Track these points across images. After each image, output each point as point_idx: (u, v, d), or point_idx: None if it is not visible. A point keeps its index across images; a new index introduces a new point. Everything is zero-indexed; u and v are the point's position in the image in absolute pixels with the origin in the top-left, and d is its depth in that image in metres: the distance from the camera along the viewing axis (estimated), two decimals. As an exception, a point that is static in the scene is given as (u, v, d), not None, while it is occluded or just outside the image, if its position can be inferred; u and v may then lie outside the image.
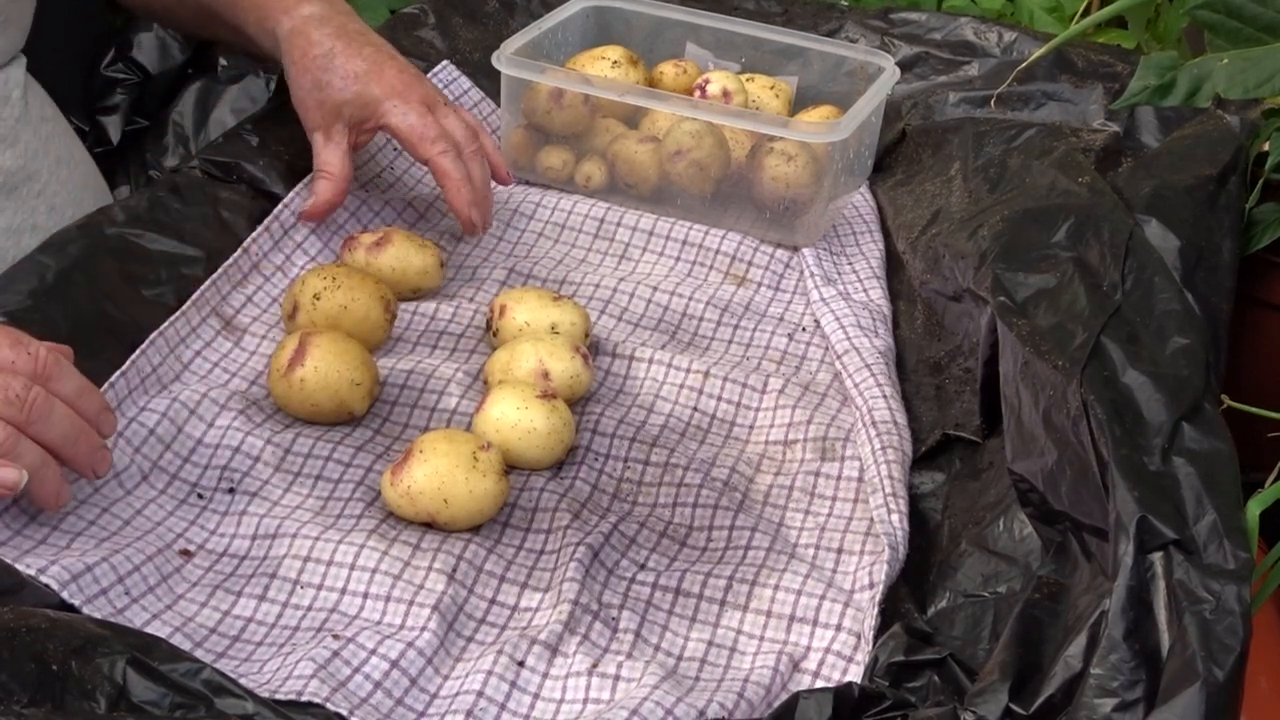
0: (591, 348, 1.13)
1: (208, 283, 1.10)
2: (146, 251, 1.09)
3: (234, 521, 0.94)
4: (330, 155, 1.18)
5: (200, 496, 0.96)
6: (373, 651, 0.85)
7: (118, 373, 0.99)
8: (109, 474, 0.93)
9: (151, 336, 1.03)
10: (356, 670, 0.83)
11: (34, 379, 0.86)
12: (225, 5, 1.24)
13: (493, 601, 0.92)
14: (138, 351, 1.01)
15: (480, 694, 0.84)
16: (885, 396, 1.07)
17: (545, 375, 1.06)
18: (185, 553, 0.92)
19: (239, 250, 1.14)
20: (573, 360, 1.07)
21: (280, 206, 1.19)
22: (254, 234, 1.16)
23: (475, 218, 1.19)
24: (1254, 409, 0.99)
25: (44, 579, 0.84)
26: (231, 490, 0.96)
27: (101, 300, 1.04)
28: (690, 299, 1.20)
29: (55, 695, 0.73)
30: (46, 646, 0.74)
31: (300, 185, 1.21)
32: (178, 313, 1.06)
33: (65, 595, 0.83)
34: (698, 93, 1.32)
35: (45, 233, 1.14)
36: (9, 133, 1.16)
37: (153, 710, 0.74)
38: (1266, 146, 1.19)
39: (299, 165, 1.23)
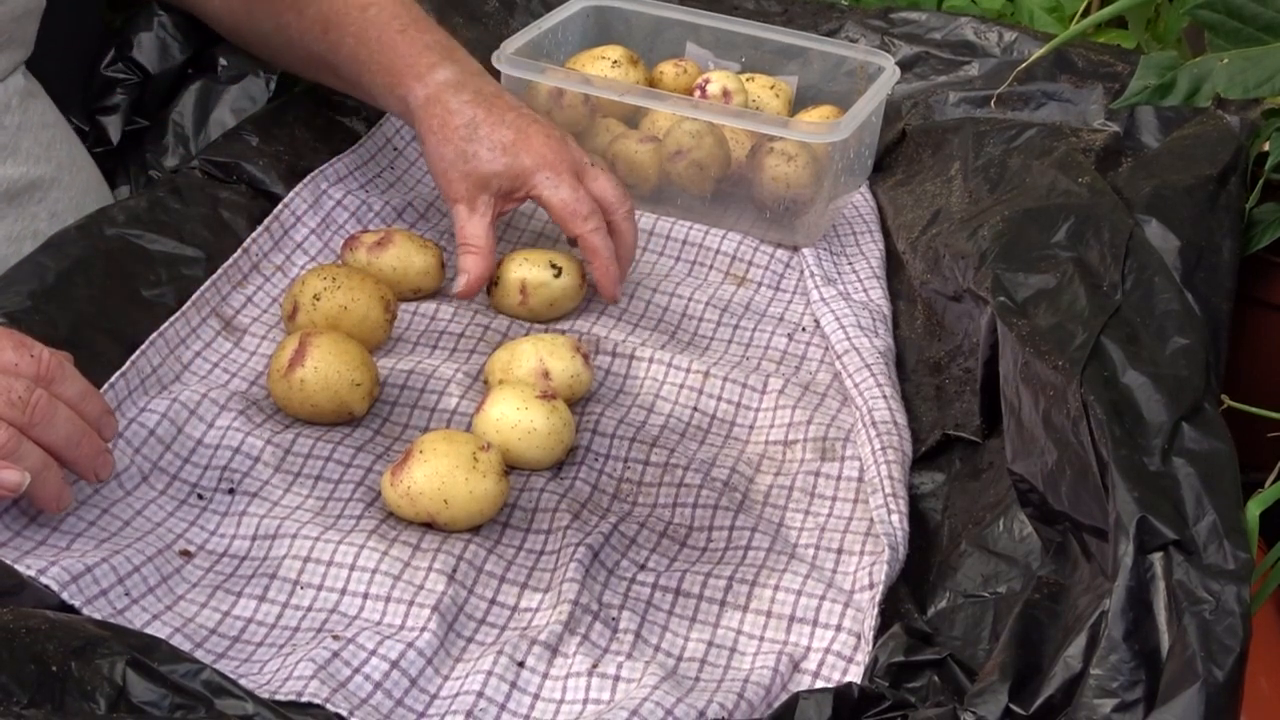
0: (592, 347, 1.13)
1: (207, 283, 1.10)
2: (146, 252, 1.09)
3: (234, 522, 0.94)
4: (476, 228, 1.15)
5: (200, 497, 0.96)
6: (373, 652, 0.85)
7: (118, 374, 0.99)
8: (120, 466, 0.93)
9: (151, 337, 1.03)
10: (356, 671, 0.83)
11: (37, 381, 0.86)
12: (347, 62, 1.21)
13: (493, 602, 0.92)
14: (137, 352, 1.01)
15: (480, 694, 0.84)
16: (885, 396, 1.07)
17: (545, 375, 1.06)
18: (185, 553, 0.92)
19: (239, 250, 1.14)
20: (573, 360, 1.07)
21: (280, 206, 1.19)
22: (254, 234, 1.16)
23: (617, 294, 1.17)
24: (1254, 409, 0.99)
25: (44, 580, 0.84)
26: (231, 491, 0.96)
27: (101, 301, 1.04)
28: (690, 299, 1.20)
29: (55, 696, 0.73)
30: (46, 647, 0.74)
31: (300, 185, 1.21)
32: (177, 313, 1.06)
33: (65, 596, 0.83)
34: (698, 93, 1.32)
35: (47, 239, 1.13)
36: (9, 141, 1.16)
37: (152, 711, 0.74)
38: (1266, 146, 1.19)
39: (299, 165, 1.23)
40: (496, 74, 1.30)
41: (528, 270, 1.15)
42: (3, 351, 0.86)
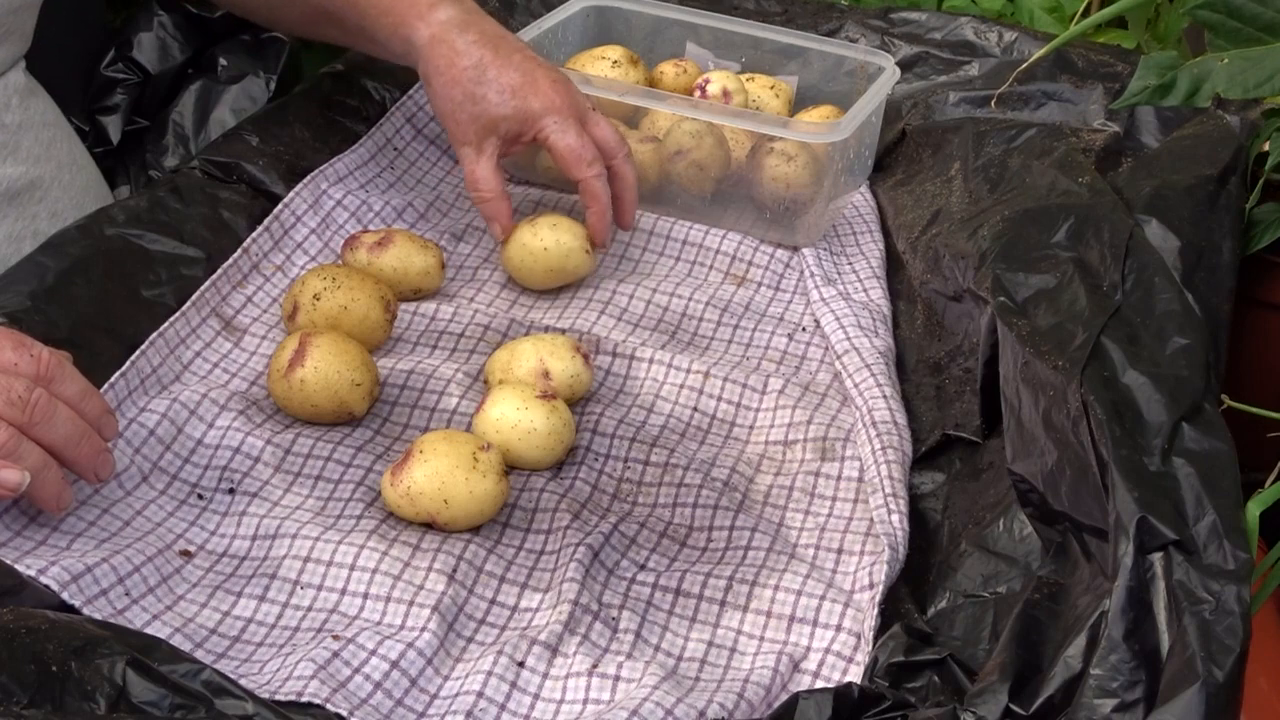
0: (592, 347, 1.13)
1: (207, 283, 1.10)
2: (146, 252, 1.09)
3: (234, 522, 0.94)
4: (483, 172, 1.16)
5: (200, 497, 0.96)
6: (373, 652, 0.85)
7: (118, 373, 0.99)
8: (120, 466, 0.94)
9: (151, 337, 1.03)
10: (356, 671, 0.83)
11: (37, 381, 0.86)
12: (346, 8, 1.20)
13: (493, 602, 0.92)
14: (137, 352, 1.02)
15: (480, 694, 0.84)
16: (885, 396, 1.07)
17: (546, 375, 1.06)
18: (185, 553, 0.92)
19: (239, 250, 1.14)
20: (573, 360, 1.07)
21: (280, 206, 1.19)
22: (254, 234, 1.16)
23: (607, 241, 1.19)
24: (1254, 409, 0.99)
25: (44, 580, 0.84)
26: (231, 491, 0.96)
27: (101, 301, 1.04)
28: (690, 299, 1.20)
29: (55, 696, 0.73)
30: (46, 647, 0.74)
31: (300, 185, 1.21)
32: (177, 313, 1.06)
33: (65, 596, 0.84)
34: (698, 93, 1.32)
35: (47, 238, 1.13)
36: (9, 140, 1.16)
37: (152, 711, 0.74)
38: (1266, 146, 1.19)
39: (299, 165, 1.23)
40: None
41: (532, 234, 1.18)
42: (2, 351, 0.86)
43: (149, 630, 0.85)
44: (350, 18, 1.21)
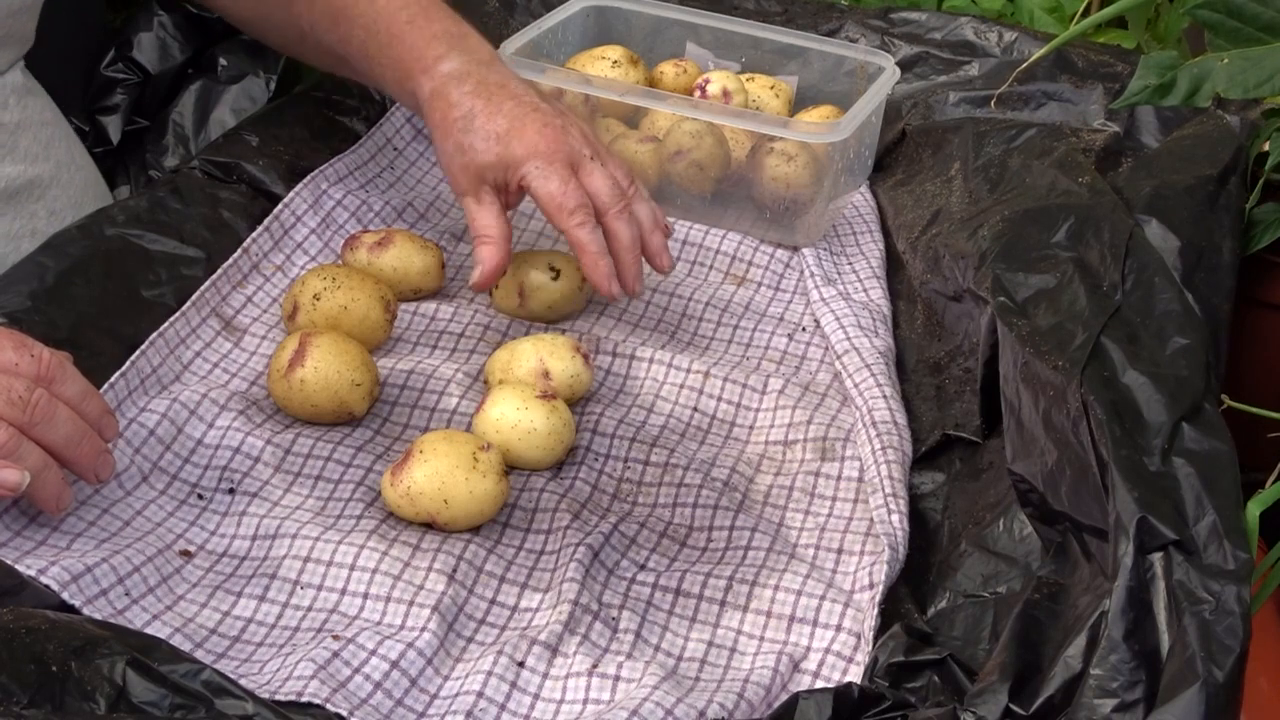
0: (592, 347, 1.13)
1: (207, 283, 1.10)
2: (146, 252, 1.09)
3: (234, 522, 0.94)
4: (486, 218, 1.12)
5: (200, 497, 0.96)
6: (373, 652, 0.85)
7: (118, 374, 0.99)
8: (120, 466, 0.94)
9: (151, 337, 1.03)
10: (356, 671, 0.83)
11: (37, 381, 0.86)
12: (358, 56, 1.19)
13: (493, 602, 0.92)
14: (137, 352, 1.02)
15: (480, 694, 0.84)
16: (885, 396, 1.07)
17: (546, 375, 1.06)
18: (185, 553, 0.92)
19: (239, 250, 1.14)
20: (573, 360, 1.07)
21: (280, 206, 1.19)
22: (254, 234, 1.16)
23: (614, 290, 1.11)
24: (1254, 409, 0.99)
25: (44, 580, 0.84)
26: (231, 491, 0.96)
27: (101, 301, 1.04)
28: (690, 299, 1.20)
29: (55, 696, 0.73)
30: (46, 648, 0.74)
31: (300, 185, 1.21)
32: (177, 313, 1.06)
33: (65, 596, 0.84)
34: (698, 93, 1.32)
35: (45, 238, 1.13)
36: (8, 139, 1.16)
37: (152, 711, 0.74)
38: (1266, 146, 1.19)
39: (299, 165, 1.23)
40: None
41: (525, 273, 1.15)
42: (3, 351, 0.86)
43: (149, 630, 0.85)
44: (361, 65, 1.20)
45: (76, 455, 0.88)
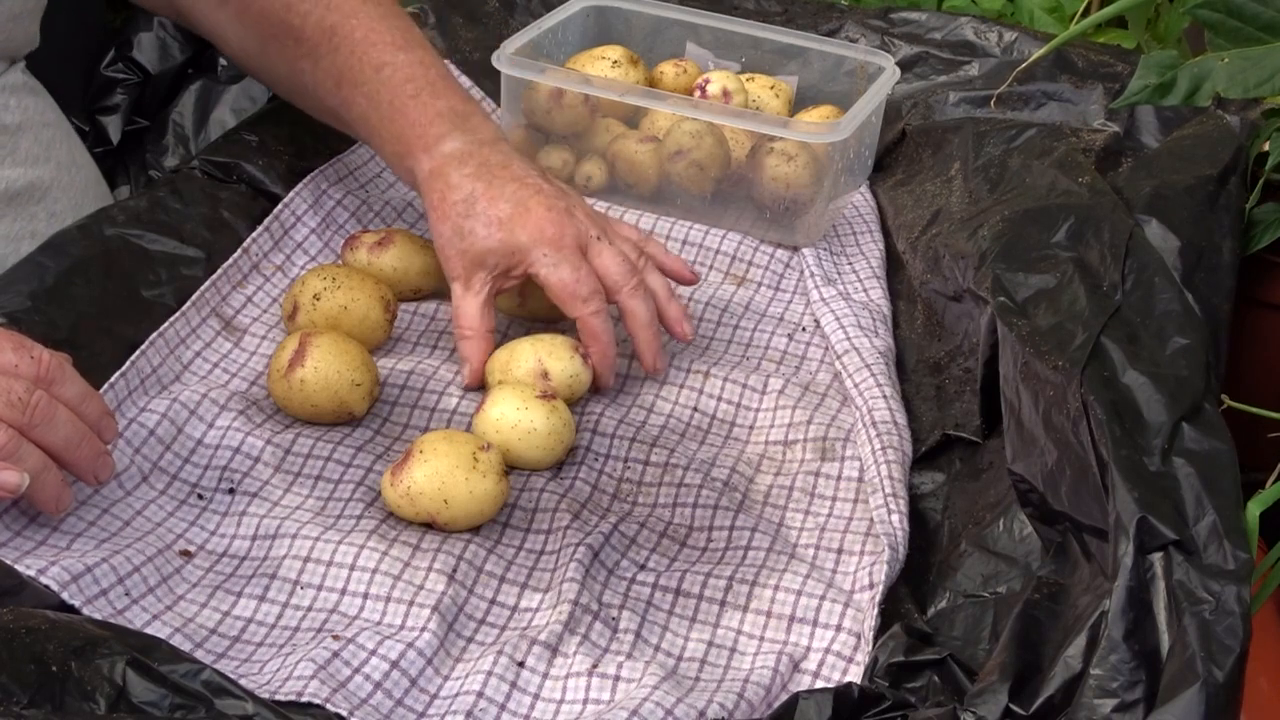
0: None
1: (207, 283, 1.10)
2: (146, 252, 1.09)
3: (234, 522, 0.94)
4: (469, 308, 1.08)
5: (200, 497, 0.96)
6: (373, 652, 0.85)
7: (118, 374, 0.99)
8: (119, 466, 0.94)
9: (151, 337, 1.03)
10: (356, 671, 0.83)
11: (37, 383, 0.86)
12: (358, 122, 1.16)
13: (493, 602, 0.92)
14: (137, 352, 1.02)
15: (480, 694, 0.84)
16: (885, 396, 1.07)
17: (544, 375, 1.06)
18: (185, 553, 0.92)
19: (239, 250, 1.14)
20: (572, 360, 1.07)
21: (280, 206, 1.19)
22: (254, 234, 1.16)
23: (610, 381, 1.09)
24: (1254, 409, 0.99)
25: (44, 580, 0.84)
26: (231, 491, 0.96)
27: (101, 301, 1.04)
28: (690, 299, 1.20)
29: (55, 696, 0.73)
30: (46, 648, 0.74)
31: (300, 185, 1.21)
32: (177, 313, 1.06)
33: (65, 596, 0.83)
34: (698, 93, 1.32)
35: (45, 240, 1.13)
36: (8, 141, 1.16)
37: (152, 711, 0.74)
38: (1266, 146, 1.19)
39: (299, 165, 1.23)
40: (496, 75, 1.30)
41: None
42: (2, 353, 0.86)
43: (149, 630, 0.85)
44: (361, 132, 1.18)
45: (76, 457, 0.88)
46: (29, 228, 1.16)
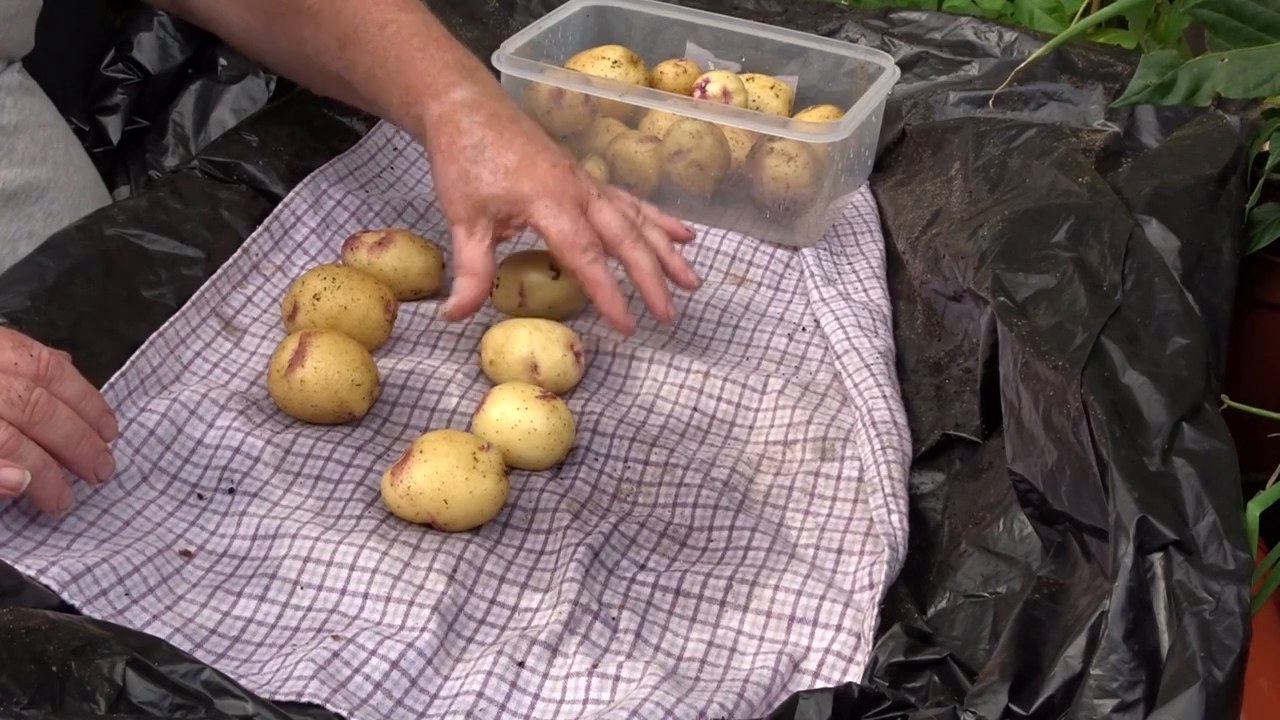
0: (592, 347, 1.13)
1: (207, 283, 1.10)
2: (146, 252, 1.09)
3: (234, 522, 0.94)
4: (473, 251, 1.10)
5: (200, 497, 0.96)
6: (373, 652, 0.85)
7: (117, 374, 0.99)
8: (120, 466, 0.94)
9: (151, 337, 1.03)
10: (356, 671, 0.83)
11: (37, 381, 0.86)
12: (363, 81, 1.18)
13: (493, 602, 0.92)
14: (137, 353, 1.01)
15: (480, 694, 0.84)
16: (885, 396, 1.07)
17: (535, 368, 1.06)
18: (185, 553, 0.92)
19: (239, 250, 1.14)
20: (564, 358, 1.07)
21: (280, 206, 1.19)
22: (254, 234, 1.16)
23: (631, 324, 1.11)
24: (1254, 409, 0.99)
25: (44, 580, 0.84)
26: (231, 491, 0.96)
27: (101, 301, 1.04)
28: (690, 299, 1.20)
29: (55, 697, 0.73)
30: (46, 648, 0.74)
31: (300, 185, 1.21)
32: (177, 313, 1.06)
33: (65, 596, 0.83)
34: (698, 93, 1.32)
35: (42, 240, 1.13)
36: (5, 141, 1.16)
37: (152, 711, 0.74)
38: (1266, 146, 1.19)
39: (299, 165, 1.23)
40: (496, 74, 1.30)
41: (525, 273, 1.15)
42: (2, 351, 0.86)
43: (149, 630, 0.85)
44: (366, 90, 1.19)
45: (76, 455, 0.88)
46: (26, 228, 1.16)
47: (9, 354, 0.86)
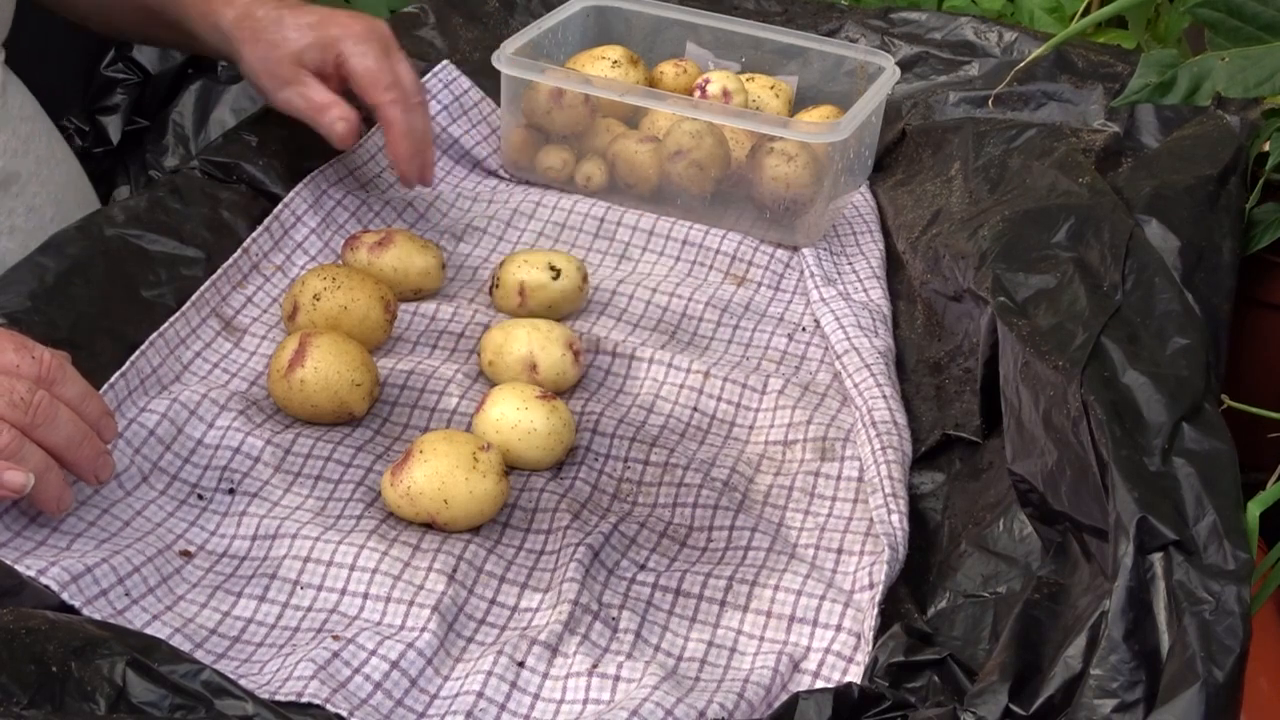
0: (591, 347, 1.13)
1: (207, 283, 1.10)
2: (146, 252, 1.09)
3: (234, 522, 0.94)
4: (312, 93, 1.16)
5: (200, 497, 0.96)
6: (373, 652, 0.85)
7: (117, 374, 0.99)
8: (120, 466, 0.94)
9: (151, 338, 1.03)
10: (356, 671, 0.83)
11: (38, 383, 0.86)
12: (171, 9, 1.23)
13: (493, 602, 0.92)
14: (137, 353, 1.01)
15: (480, 694, 0.84)
16: (885, 396, 1.07)
17: (534, 368, 1.06)
18: (185, 554, 0.92)
19: (239, 250, 1.14)
20: (562, 358, 1.07)
21: (280, 206, 1.19)
22: (254, 234, 1.16)
23: (413, 171, 1.18)
24: (1254, 409, 0.99)
25: (44, 580, 0.84)
26: (231, 491, 0.96)
27: (101, 301, 1.04)
28: (690, 299, 1.20)
29: (55, 697, 0.73)
30: (46, 648, 0.75)
31: (300, 185, 1.21)
32: (177, 314, 1.06)
33: (65, 596, 0.83)
34: (698, 93, 1.32)
35: (24, 234, 1.13)
36: None
37: (152, 712, 0.74)
38: (1266, 146, 1.19)
39: (299, 165, 1.23)
40: (496, 75, 1.30)
41: (527, 272, 1.15)
42: (4, 353, 0.86)
43: (149, 630, 0.85)
44: (172, 13, 1.23)
45: (77, 456, 0.88)
46: (7, 222, 1.16)
47: (11, 356, 0.86)
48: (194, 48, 1.28)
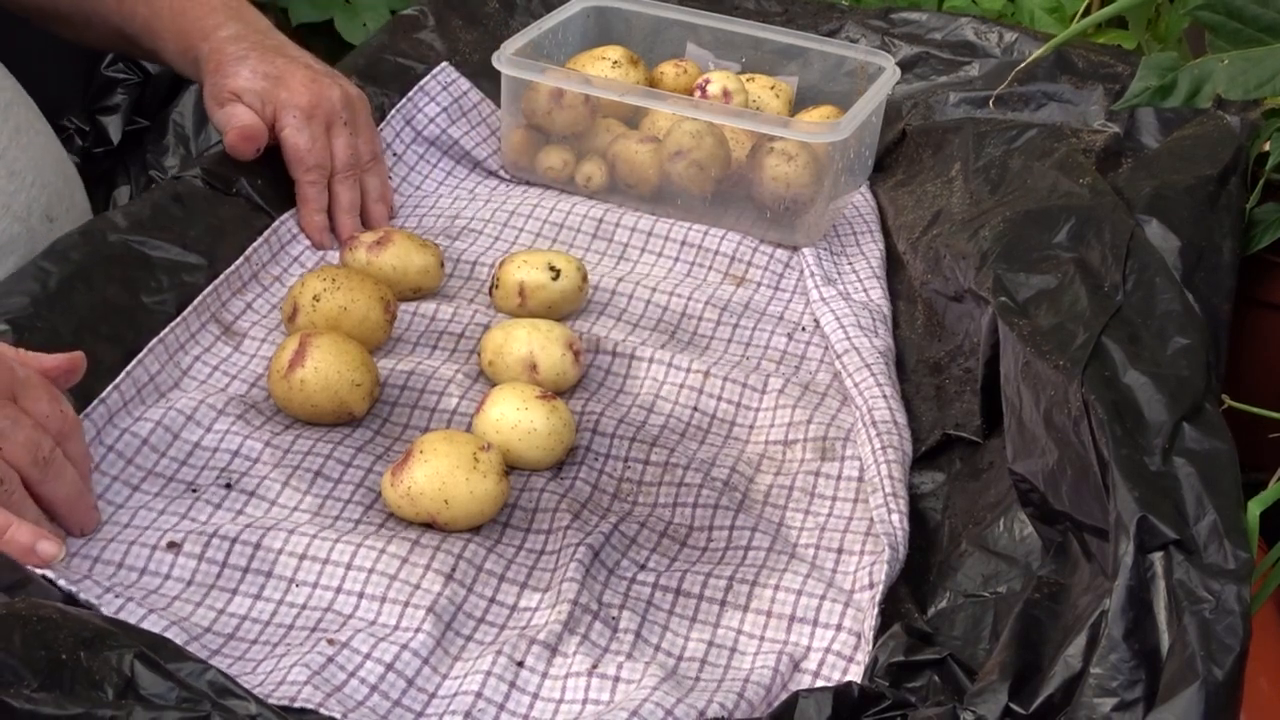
0: (591, 347, 1.13)
1: (208, 289, 1.10)
2: (148, 259, 1.09)
3: (231, 519, 0.94)
4: (241, 111, 1.18)
5: (193, 491, 0.96)
6: (367, 656, 0.84)
7: (117, 379, 0.99)
8: (106, 481, 0.94)
9: (151, 344, 1.03)
10: (351, 675, 0.83)
11: (57, 439, 0.87)
12: (143, 33, 1.25)
13: (492, 601, 0.92)
14: (135, 360, 1.01)
15: (479, 694, 0.84)
16: (885, 396, 1.08)
17: (534, 368, 1.06)
18: (173, 544, 0.91)
19: (240, 258, 1.14)
20: (563, 358, 1.07)
21: (277, 223, 1.19)
22: (254, 245, 1.16)
23: (325, 242, 1.21)
24: (1254, 409, 0.99)
25: (44, 573, 0.84)
26: (229, 486, 0.96)
27: (103, 307, 1.03)
28: (690, 299, 1.20)
29: (64, 684, 0.73)
30: (57, 636, 0.74)
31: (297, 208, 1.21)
32: (177, 319, 1.06)
33: (75, 590, 0.84)
34: (698, 93, 1.32)
35: (6, 195, 1.12)
36: None
37: (160, 702, 0.74)
38: (1267, 147, 1.19)
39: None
40: (496, 76, 1.30)
41: (526, 272, 1.15)
42: (39, 401, 0.87)
43: (144, 626, 0.84)
44: (147, 41, 1.25)
45: (70, 513, 0.89)
46: None
47: (45, 406, 0.87)
48: (174, 69, 1.30)
